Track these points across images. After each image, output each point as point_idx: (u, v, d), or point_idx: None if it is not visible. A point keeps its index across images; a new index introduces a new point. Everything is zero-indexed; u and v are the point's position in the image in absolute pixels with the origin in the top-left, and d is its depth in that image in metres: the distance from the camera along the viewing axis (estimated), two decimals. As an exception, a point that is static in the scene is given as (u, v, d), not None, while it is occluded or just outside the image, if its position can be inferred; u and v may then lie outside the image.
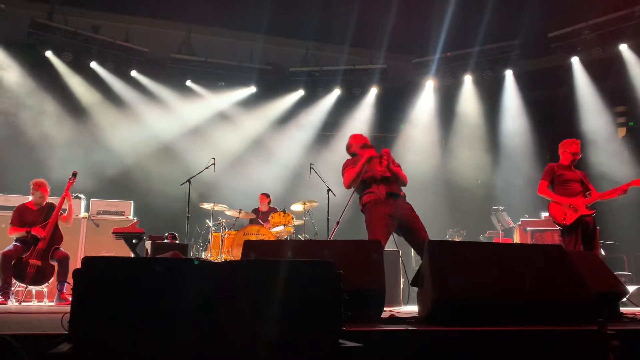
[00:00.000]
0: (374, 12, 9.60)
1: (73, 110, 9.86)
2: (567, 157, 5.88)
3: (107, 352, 1.98)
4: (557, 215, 5.69)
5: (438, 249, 3.43)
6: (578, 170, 5.91)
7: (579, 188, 5.75)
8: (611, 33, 9.26)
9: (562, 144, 6.00)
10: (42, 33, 9.50)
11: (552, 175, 5.85)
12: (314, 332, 2.17)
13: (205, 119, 10.83)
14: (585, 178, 5.88)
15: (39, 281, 6.12)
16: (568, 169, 5.86)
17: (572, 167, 5.89)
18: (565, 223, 5.61)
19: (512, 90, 10.73)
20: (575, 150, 5.85)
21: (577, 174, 5.84)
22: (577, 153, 5.86)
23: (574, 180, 5.78)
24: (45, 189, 6.50)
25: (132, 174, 9.85)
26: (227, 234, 8.04)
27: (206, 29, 10.84)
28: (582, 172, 5.93)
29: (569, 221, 5.58)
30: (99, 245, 7.59)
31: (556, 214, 5.70)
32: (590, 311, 3.19)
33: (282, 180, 10.57)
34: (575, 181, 5.78)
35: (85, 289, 2.05)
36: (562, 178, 5.80)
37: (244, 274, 2.26)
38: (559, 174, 5.82)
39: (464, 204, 10.38)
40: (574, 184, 5.76)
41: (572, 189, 5.74)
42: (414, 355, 2.61)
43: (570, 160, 5.86)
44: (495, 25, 9.46)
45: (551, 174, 5.86)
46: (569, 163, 5.87)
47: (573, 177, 5.80)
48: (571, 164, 5.88)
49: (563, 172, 5.83)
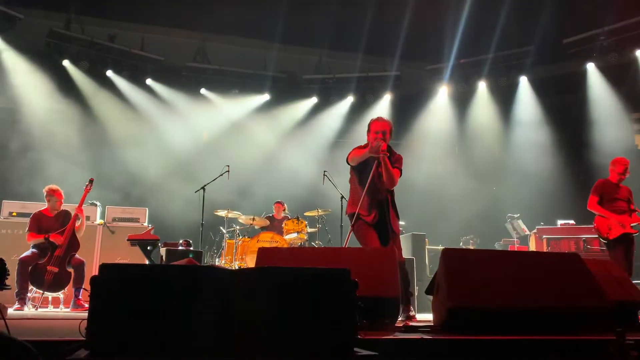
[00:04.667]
0: (387, 20, 9.62)
1: (89, 118, 9.98)
2: (615, 176, 6.21)
3: (125, 359, 1.99)
4: (602, 228, 6.03)
5: (453, 257, 3.41)
6: (624, 187, 6.22)
7: (625, 207, 6.08)
8: (627, 39, 9.18)
9: (612, 162, 6.30)
10: (59, 42, 9.67)
11: (601, 192, 6.15)
12: (329, 340, 2.16)
13: (220, 127, 10.90)
14: (631, 196, 6.20)
15: (56, 287, 6.17)
16: (616, 187, 6.18)
17: (619, 185, 6.19)
18: (609, 237, 5.95)
19: (526, 96, 10.66)
20: (622, 170, 6.16)
21: (624, 193, 6.17)
22: (624, 173, 6.16)
23: (621, 199, 6.11)
24: (60, 194, 6.56)
25: (147, 181, 9.92)
26: (240, 241, 8.07)
27: (221, 37, 10.94)
28: (628, 190, 6.23)
29: (612, 235, 5.93)
30: (114, 251, 7.64)
31: (601, 228, 6.04)
32: (608, 320, 3.14)
33: (295, 188, 10.58)
34: (622, 200, 6.12)
35: (102, 295, 2.07)
36: (610, 196, 6.12)
37: (258, 282, 2.27)
38: (608, 192, 6.14)
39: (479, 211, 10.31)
40: (621, 202, 6.10)
41: (619, 207, 6.06)
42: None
43: (617, 179, 6.18)
44: (509, 32, 9.42)
45: (600, 190, 6.18)
46: (616, 181, 6.19)
47: (620, 195, 6.14)
48: (618, 182, 6.18)
49: (611, 190, 6.15)
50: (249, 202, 9.77)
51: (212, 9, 9.78)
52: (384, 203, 4.63)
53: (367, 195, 4.54)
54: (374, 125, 4.78)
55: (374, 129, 4.76)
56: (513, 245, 8.98)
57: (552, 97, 10.55)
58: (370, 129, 4.81)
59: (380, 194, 4.64)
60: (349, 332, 2.19)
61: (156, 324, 2.07)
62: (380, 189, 4.64)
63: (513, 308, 3.17)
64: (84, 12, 9.88)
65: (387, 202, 4.65)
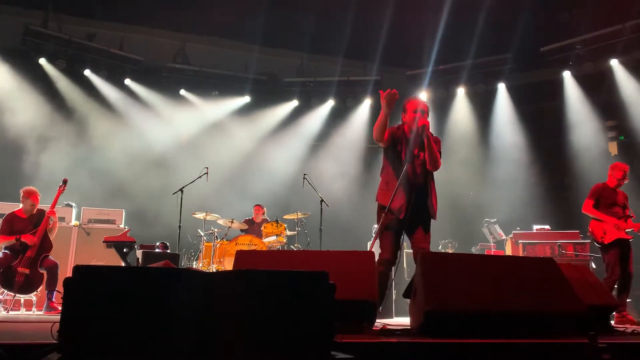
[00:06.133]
0: (367, 24, 9.67)
1: (65, 117, 9.82)
2: (613, 181, 6.21)
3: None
4: (597, 232, 6.05)
5: (431, 261, 3.43)
6: (621, 192, 6.24)
7: (621, 212, 6.09)
8: (602, 48, 9.37)
9: (611, 167, 6.32)
10: (36, 40, 9.50)
11: (598, 196, 6.16)
12: (306, 343, 2.16)
13: (199, 128, 10.82)
14: (627, 201, 6.22)
15: (27, 289, 6.04)
16: (613, 192, 6.19)
17: (616, 190, 6.21)
18: (604, 241, 5.96)
19: (504, 103, 10.80)
20: (621, 176, 6.17)
21: (620, 198, 6.18)
22: (623, 178, 6.18)
23: (617, 204, 6.13)
24: (36, 197, 6.44)
25: (124, 182, 9.79)
26: (218, 244, 8.00)
27: (201, 38, 10.87)
28: (625, 195, 6.25)
29: (607, 240, 5.94)
30: (90, 253, 7.52)
31: (596, 232, 6.06)
32: (582, 324, 3.19)
33: (275, 190, 10.55)
34: (619, 206, 6.13)
35: (76, 298, 2.03)
36: (607, 201, 6.12)
37: (236, 285, 2.25)
38: (605, 196, 6.14)
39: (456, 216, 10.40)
40: (617, 208, 6.11)
41: (616, 212, 6.08)
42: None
43: (615, 184, 6.19)
44: (488, 39, 9.54)
45: (597, 194, 6.18)
46: (614, 186, 6.20)
47: (617, 201, 6.15)
48: (616, 187, 6.20)
49: (609, 194, 6.16)
50: (227, 204, 9.70)
51: (193, 10, 9.72)
52: (421, 191, 4.30)
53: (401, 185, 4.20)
54: (411, 104, 4.40)
55: (411, 107, 4.39)
56: (490, 249, 9.07)
57: (529, 103, 10.72)
58: (407, 108, 4.42)
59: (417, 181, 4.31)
60: (326, 334, 2.18)
61: (131, 327, 2.04)
62: (418, 174, 4.33)
63: (489, 311, 3.20)
64: (62, 10, 9.73)
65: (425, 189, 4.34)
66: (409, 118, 4.40)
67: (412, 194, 4.26)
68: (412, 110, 4.38)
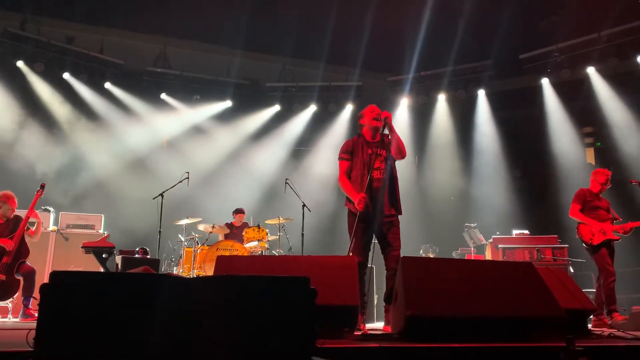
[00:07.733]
0: (350, 30, 9.72)
1: (44, 121, 9.68)
2: (596, 186, 6.38)
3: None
4: (585, 235, 6.20)
5: (411, 265, 3.45)
6: (604, 199, 6.41)
7: (606, 215, 6.24)
8: (579, 56, 9.56)
9: (593, 172, 6.49)
10: (13, 42, 9.34)
11: (583, 200, 6.31)
12: (287, 349, 2.15)
13: (180, 133, 10.76)
14: (610, 205, 6.37)
15: (3, 296, 5.92)
16: (597, 197, 6.35)
17: (599, 195, 6.38)
18: (593, 243, 6.12)
19: (484, 109, 10.94)
20: (604, 180, 6.33)
21: (604, 202, 6.34)
22: (606, 183, 6.34)
23: (601, 208, 6.28)
24: (14, 202, 6.32)
25: (104, 187, 9.68)
26: (199, 249, 7.94)
27: (183, 42, 10.81)
28: (607, 201, 6.41)
29: (596, 241, 6.10)
30: (68, 259, 7.41)
31: (584, 235, 6.21)
32: (559, 327, 3.23)
33: (256, 195, 10.52)
34: (603, 209, 6.28)
35: (52, 304, 2.00)
36: (591, 204, 6.28)
37: (216, 290, 2.24)
38: (589, 200, 6.30)
39: (437, 220, 10.48)
40: (601, 211, 6.26)
41: (600, 215, 6.22)
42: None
43: (598, 189, 6.36)
44: (468, 46, 9.67)
45: (582, 199, 6.33)
46: (598, 191, 6.37)
47: (601, 205, 6.30)
48: (599, 192, 6.37)
49: (592, 199, 6.31)
50: (208, 209, 9.64)
51: (175, 14, 9.67)
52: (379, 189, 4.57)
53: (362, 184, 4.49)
54: (369, 109, 4.74)
55: (369, 111, 4.71)
56: (470, 254, 9.15)
57: (508, 110, 10.87)
58: (365, 114, 4.75)
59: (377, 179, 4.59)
60: (307, 340, 2.18)
61: (109, 334, 2.01)
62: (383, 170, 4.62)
63: (469, 316, 3.22)
64: (41, 12, 9.60)
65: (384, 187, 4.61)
66: (367, 120, 4.69)
67: (378, 195, 4.55)
68: (370, 111, 4.69)
